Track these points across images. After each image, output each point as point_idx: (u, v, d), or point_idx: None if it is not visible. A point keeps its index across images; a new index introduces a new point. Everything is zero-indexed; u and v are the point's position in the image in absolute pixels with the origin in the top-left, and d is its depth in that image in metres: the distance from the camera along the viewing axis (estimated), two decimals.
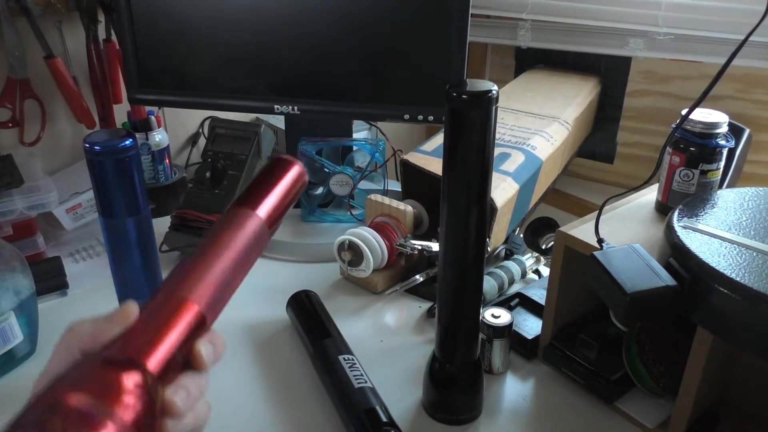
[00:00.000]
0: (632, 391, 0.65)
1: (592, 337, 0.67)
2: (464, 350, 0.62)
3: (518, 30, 1.22)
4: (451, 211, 0.56)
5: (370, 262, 0.81)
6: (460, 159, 0.53)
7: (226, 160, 0.91)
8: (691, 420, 0.58)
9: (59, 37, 1.00)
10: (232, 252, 0.40)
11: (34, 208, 0.85)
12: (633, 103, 1.18)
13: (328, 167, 0.97)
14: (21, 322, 0.69)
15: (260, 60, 0.92)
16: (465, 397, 0.63)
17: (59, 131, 1.06)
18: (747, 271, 0.50)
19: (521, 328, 0.73)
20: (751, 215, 0.60)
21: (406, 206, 0.85)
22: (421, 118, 0.90)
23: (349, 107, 0.93)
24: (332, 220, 1.01)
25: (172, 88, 0.94)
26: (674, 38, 1.06)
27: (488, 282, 0.80)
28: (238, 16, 0.89)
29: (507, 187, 0.83)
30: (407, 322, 0.79)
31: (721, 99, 1.06)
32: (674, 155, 0.68)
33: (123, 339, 0.35)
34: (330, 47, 0.89)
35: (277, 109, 0.93)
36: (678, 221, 0.59)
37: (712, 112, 0.67)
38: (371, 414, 0.59)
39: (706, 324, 0.53)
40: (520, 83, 1.19)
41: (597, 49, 1.16)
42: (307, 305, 0.76)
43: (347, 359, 0.66)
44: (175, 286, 0.38)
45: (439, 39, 0.85)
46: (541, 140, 0.95)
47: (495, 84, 0.51)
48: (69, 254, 0.93)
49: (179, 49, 0.91)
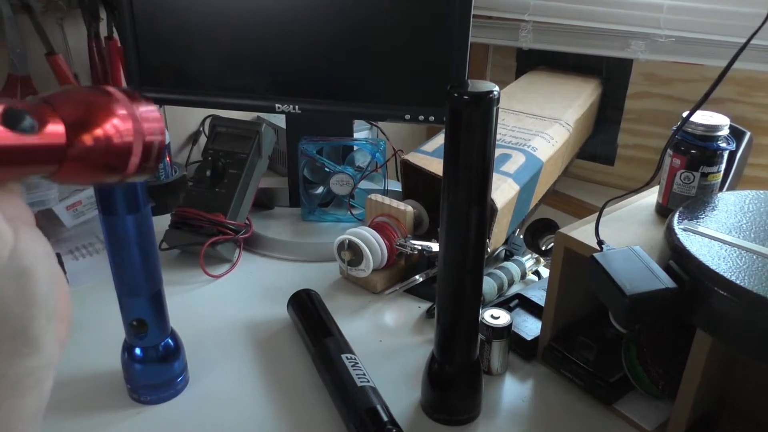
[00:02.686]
0: (631, 393, 0.65)
1: (591, 338, 0.67)
2: (463, 351, 0.62)
3: (520, 31, 1.22)
4: (451, 212, 0.56)
5: (370, 261, 0.81)
6: (460, 160, 0.53)
7: (227, 159, 0.91)
8: (689, 422, 0.58)
9: (61, 34, 1.00)
10: None
11: (35, 205, 0.85)
12: (634, 105, 1.18)
13: (329, 167, 0.97)
14: None
15: (262, 59, 0.92)
16: (464, 398, 0.63)
17: None
18: (747, 274, 0.50)
19: (520, 329, 0.73)
20: (751, 218, 0.60)
21: (406, 206, 0.85)
22: (422, 118, 0.90)
23: (350, 107, 0.93)
24: (332, 219, 1.01)
25: (173, 86, 0.94)
26: (676, 41, 1.06)
27: (488, 283, 0.80)
28: (239, 15, 0.89)
29: (507, 188, 0.83)
30: (406, 323, 0.79)
31: (723, 102, 1.06)
32: (675, 158, 0.68)
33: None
34: (332, 46, 0.89)
35: (278, 108, 0.93)
36: (678, 223, 0.59)
37: (713, 115, 0.67)
38: (373, 413, 0.59)
39: (706, 327, 0.53)
40: (522, 84, 1.19)
41: (598, 51, 1.16)
42: (308, 304, 0.76)
43: (349, 358, 0.66)
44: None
45: (440, 39, 0.85)
46: (541, 141, 0.95)
47: (496, 85, 0.51)
48: (69, 251, 0.93)
49: (180, 47, 0.91)
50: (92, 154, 0.32)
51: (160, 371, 0.64)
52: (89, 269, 0.88)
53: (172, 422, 0.63)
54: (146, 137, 0.34)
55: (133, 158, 0.34)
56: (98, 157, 0.32)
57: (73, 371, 0.69)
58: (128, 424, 0.63)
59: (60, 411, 0.64)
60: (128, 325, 0.62)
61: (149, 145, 0.34)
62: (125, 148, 0.33)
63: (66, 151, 0.31)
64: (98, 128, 0.32)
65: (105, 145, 0.32)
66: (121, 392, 0.66)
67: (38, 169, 0.31)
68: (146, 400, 0.65)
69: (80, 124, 0.31)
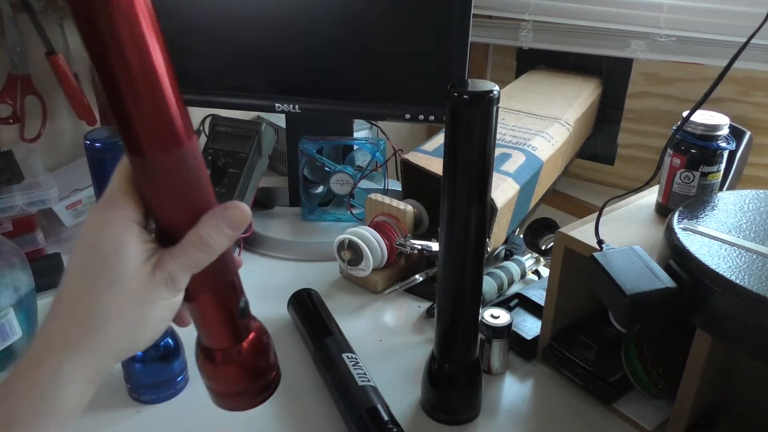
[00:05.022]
0: (631, 393, 0.65)
1: (591, 338, 0.67)
2: (463, 350, 0.62)
3: (520, 30, 1.22)
4: (451, 211, 0.55)
5: (370, 261, 0.81)
6: (460, 159, 0.53)
7: (227, 158, 0.91)
8: (689, 422, 0.58)
9: (61, 33, 1.00)
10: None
11: (35, 204, 0.85)
12: (634, 105, 1.18)
13: (329, 166, 0.97)
14: (20, 318, 0.69)
15: (262, 58, 0.92)
16: (463, 398, 0.63)
17: (60, 128, 1.06)
18: (747, 273, 0.50)
19: (520, 329, 0.73)
20: (751, 218, 0.60)
21: (406, 206, 0.85)
22: (422, 117, 0.90)
23: (350, 106, 0.93)
24: (332, 219, 1.01)
25: None
26: (676, 40, 1.06)
27: (488, 282, 0.80)
28: (239, 15, 0.89)
29: (507, 188, 0.83)
30: (406, 322, 0.79)
31: (723, 101, 1.06)
32: (675, 157, 0.68)
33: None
34: (332, 46, 0.89)
35: (278, 107, 0.93)
36: (678, 223, 0.59)
37: (713, 115, 0.67)
38: (373, 413, 0.59)
39: (706, 326, 0.53)
40: (522, 84, 1.19)
41: (598, 51, 1.16)
42: (309, 303, 0.76)
43: (350, 357, 0.66)
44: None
45: (440, 39, 0.85)
46: (541, 141, 0.95)
47: (496, 84, 0.51)
48: (69, 251, 0.93)
49: (180, 46, 0.91)
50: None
51: (159, 371, 0.64)
52: None
53: (172, 422, 0.63)
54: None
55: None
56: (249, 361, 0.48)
57: None
58: (128, 423, 0.63)
59: None
60: None
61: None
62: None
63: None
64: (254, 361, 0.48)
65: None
66: (120, 392, 0.66)
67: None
68: (146, 400, 0.65)
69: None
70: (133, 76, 0.34)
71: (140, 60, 0.34)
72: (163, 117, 0.35)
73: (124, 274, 0.36)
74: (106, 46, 0.32)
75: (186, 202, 0.38)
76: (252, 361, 0.49)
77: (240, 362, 0.48)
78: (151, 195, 0.38)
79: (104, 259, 0.36)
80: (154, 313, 0.37)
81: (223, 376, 0.50)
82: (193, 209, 0.38)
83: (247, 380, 0.51)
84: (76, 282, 0.36)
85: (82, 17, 0.32)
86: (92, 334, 0.36)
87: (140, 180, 0.37)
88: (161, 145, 0.35)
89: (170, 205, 0.38)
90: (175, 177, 0.37)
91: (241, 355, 0.48)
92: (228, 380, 0.51)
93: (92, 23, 0.32)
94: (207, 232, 0.37)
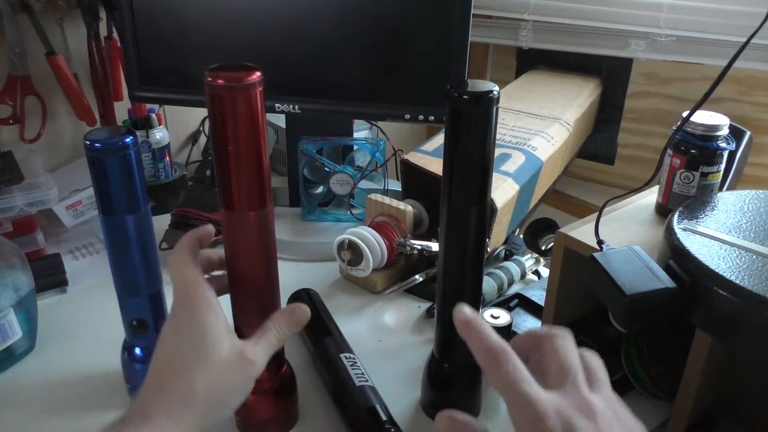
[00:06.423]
0: (631, 393, 0.65)
1: (590, 338, 0.67)
2: (463, 350, 0.61)
3: (520, 30, 1.22)
4: (451, 211, 0.55)
5: (370, 261, 0.81)
6: (460, 159, 0.53)
7: None
8: (689, 422, 0.58)
9: (60, 34, 1.00)
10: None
11: (34, 204, 0.85)
12: (634, 105, 1.18)
13: (329, 166, 0.97)
14: (20, 318, 0.69)
15: (261, 58, 0.91)
16: (463, 398, 0.63)
17: (60, 128, 1.06)
18: (747, 273, 0.50)
19: (520, 329, 0.73)
20: (751, 218, 0.60)
21: (406, 206, 0.85)
22: (422, 118, 0.90)
23: (350, 106, 0.93)
24: (332, 219, 1.01)
25: (173, 85, 0.93)
26: (676, 40, 1.06)
27: (487, 282, 0.80)
28: (239, 15, 0.89)
29: (507, 188, 0.83)
30: (406, 322, 0.79)
31: (723, 101, 1.06)
32: (675, 157, 0.68)
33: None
34: (331, 46, 0.89)
35: (278, 107, 0.93)
36: (678, 223, 0.59)
37: (713, 115, 0.67)
38: (371, 413, 0.59)
39: (706, 326, 0.53)
40: (521, 84, 1.19)
41: (598, 51, 1.16)
42: (308, 304, 0.75)
43: (348, 357, 0.66)
44: None
45: (440, 39, 0.85)
46: (541, 141, 0.95)
47: (496, 84, 0.51)
48: (69, 251, 0.93)
49: (180, 46, 0.91)
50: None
51: None
52: (89, 269, 0.88)
53: None
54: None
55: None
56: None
57: (73, 371, 0.69)
58: None
59: (60, 411, 0.64)
60: (128, 325, 0.62)
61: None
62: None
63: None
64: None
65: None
66: (121, 392, 0.66)
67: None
68: None
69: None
70: (248, 162, 0.48)
71: (256, 153, 0.48)
72: (256, 187, 0.49)
73: (216, 363, 0.46)
74: (231, 139, 0.47)
75: (258, 252, 0.51)
76: (284, 392, 0.58)
77: (275, 392, 0.57)
78: (233, 244, 0.51)
79: (199, 347, 0.46)
80: (240, 385, 0.48)
81: (257, 405, 0.57)
82: (264, 270, 0.53)
83: (278, 409, 0.59)
84: (174, 361, 0.46)
85: (218, 119, 0.47)
86: (192, 408, 0.44)
87: (227, 230, 0.50)
88: (248, 205, 0.49)
89: (247, 254, 0.51)
90: (255, 230, 0.50)
91: (276, 384, 0.57)
92: (261, 409, 0.58)
93: (226, 125, 0.47)
94: (281, 330, 0.52)
